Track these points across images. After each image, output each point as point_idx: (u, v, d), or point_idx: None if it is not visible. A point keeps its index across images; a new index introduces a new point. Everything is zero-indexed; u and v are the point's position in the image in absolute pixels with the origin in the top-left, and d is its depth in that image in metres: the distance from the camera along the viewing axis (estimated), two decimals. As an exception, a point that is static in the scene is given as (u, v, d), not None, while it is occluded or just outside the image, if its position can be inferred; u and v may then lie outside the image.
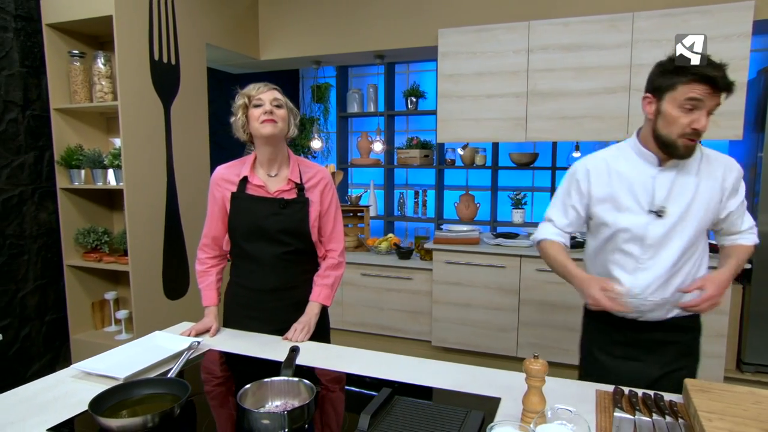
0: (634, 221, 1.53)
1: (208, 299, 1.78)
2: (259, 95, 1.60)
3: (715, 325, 2.80)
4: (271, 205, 1.67)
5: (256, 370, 1.47)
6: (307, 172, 1.74)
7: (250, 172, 1.68)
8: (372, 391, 1.23)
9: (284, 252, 1.69)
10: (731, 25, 2.76)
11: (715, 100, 1.43)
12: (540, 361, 1.10)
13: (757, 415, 1.07)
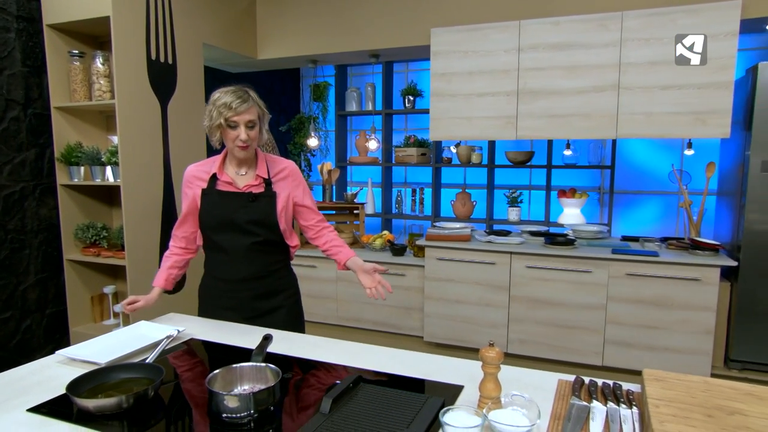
0: None
1: (157, 280, 1.88)
2: (235, 117, 1.64)
3: (703, 322, 2.83)
4: (240, 198, 1.76)
5: (233, 357, 1.53)
6: (275, 167, 1.84)
7: (219, 170, 1.78)
8: (341, 379, 1.28)
9: (253, 242, 1.77)
10: (718, 24, 2.78)
11: None
12: (495, 349, 1.15)
13: (704, 402, 1.11)
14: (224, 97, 1.66)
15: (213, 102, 1.68)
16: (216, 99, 1.68)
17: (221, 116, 1.64)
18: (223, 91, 1.69)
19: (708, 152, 3.78)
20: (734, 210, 3.01)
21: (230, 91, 1.68)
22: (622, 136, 3.06)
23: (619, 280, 2.99)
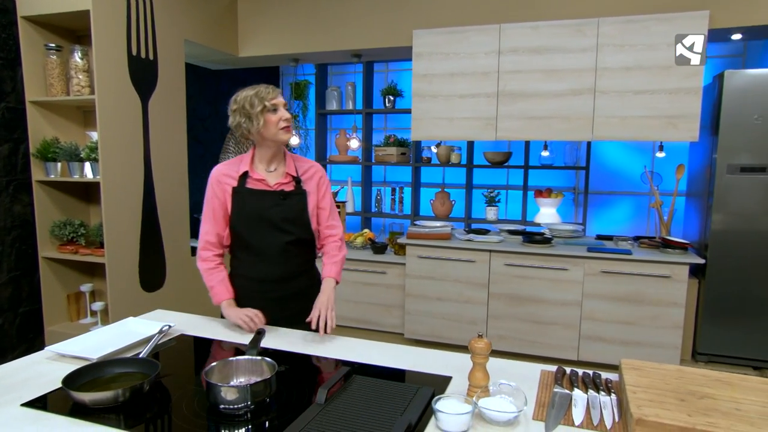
0: None
1: (225, 293, 1.78)
2: (274, 100, 1.68)
3: (672, 318, 2.96)
4: (272, 196, 1.75)
5: (225, 352, 1.55)
6: (302, 166, 1.85)
7: (250, 168, 1.76)
8: (332, 372, 1.32)
9: (288, 242, 1.77)
10: (688, 32, 2.90)
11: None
12: (483, 340, 1.20)
13: (677, 387, 1.18)
14: (255, 88, 1.70)
15: (245, 97, 1.68)
16: (247, 94, 1.69)
17: (262, 102, 1.66)
18: (250, 87, 1.72)
19: (677, 155, 3.93)
20: (702, 210, 3.15)
21: (254, 86, 1.72)
22: (598, 138, 3.17)
23: (594, 277, 3.09)
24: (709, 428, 1.02)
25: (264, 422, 1.13)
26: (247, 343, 1.42)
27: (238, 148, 4.21)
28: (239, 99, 1.70)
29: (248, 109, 1.67)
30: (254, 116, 1.66)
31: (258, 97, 1.66)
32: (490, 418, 1.10)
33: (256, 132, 1.69)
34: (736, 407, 1.11)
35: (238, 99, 1.71)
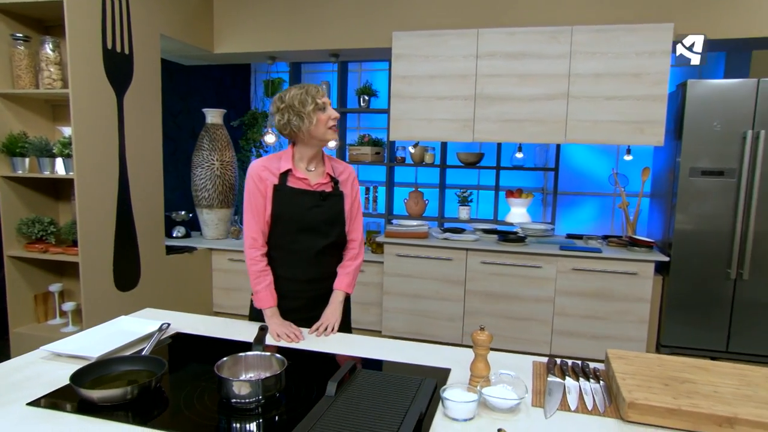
0: None
1: (270, 300, 1.75)
2: (324, 98, 1.68)
3: (639, 312, 3.12)
4: (312, 197, 1.74)
5: (225, 349, 1.56)
6: (337, 167, 1.84)
7: (293, 166, 1.74)
8: (336, 367, 1.35)
9: (326, 245, 1.77)
10: (654, 43, 3.07)
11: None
12: (485, 332, 1.27)
13: (660, 374, 1.28)
14: (302, 87, 1.69)
15: (294, 96, 1.66)
16: (296, 92, 1.67)
17: (314, 100, 1.65)
18: (295, 86, 1.71)
19: (643, 158, 4.14)
20: (666, 211, 3.34)
21: (300, 85, 1.71)
22: (571, 141, 3.31)
23: (565, 274, 3.23)
24: (693, 408, 1.11)
25: (275, 416, 1.15)
26: (242, 340, 1.44)
27: (213, 146, 4.16)
28: (287, 98, 1.67)
29: (299, 107, 1.65)
30: (306, 115, 1.65)
31: (309, 95, 1.66)
32: (494, 405, 1.16)
33: (306, 130, 1.67)
34: (714, 390, 1.21)
35: (285, 98, 1.68)
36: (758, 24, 3.04)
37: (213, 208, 4.17)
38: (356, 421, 1.09)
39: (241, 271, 3.97)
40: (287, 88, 1.72)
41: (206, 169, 4.12)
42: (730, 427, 1.08)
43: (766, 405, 1.14)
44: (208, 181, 4.12)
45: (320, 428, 1.05)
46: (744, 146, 2.97)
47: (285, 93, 1.70)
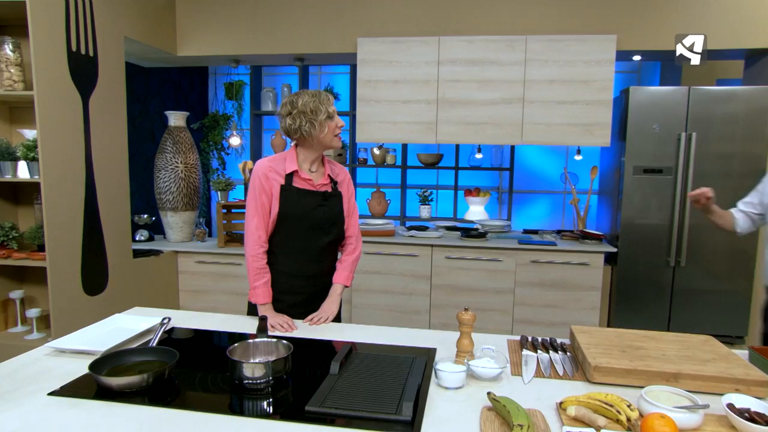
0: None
1: (266, 296, 1.83)
2: (333, 108, 1.78)
3: (591, 300, 3.40)
4: (316, 197, 1.83)
5: (222, 341, 1.65)
6: (334, 169, 1.94)
7: (297, 167, 1.82)
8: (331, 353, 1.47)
9: (328, 242, 1.87)
10: (600, 53, 3.36)
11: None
12: (469, 312, 1.42)
13: (618, 343, 1.49)
14: (315, 95, 1.76)
15: (306, 103, 1.73)
16: (308, 99, 1.74)
17: (326, 110, 1.74)
18: (306, 93, 1.77)
19: (591, 157, 4.46)
20: (612, 206, 3.64)
21: (312, 92, 1.78)
22: (527, 142, 3.55)
23: (524, 267, 3.46)
24: (646, 368, 1.31)
25: (285, 395, 1.26)
26: (236, 331, 1.53)
27: (177, 148, 4.14)
28: (300, 104, 1.73)
29: (311, 115, 1.73)
30: (318, 123, 1.74)
31: (322, 104, 1.74)
32: (480, 374, 1.32)
33: (315, 136, 1.76)
34: (662, 353, 1.42)
35: (298, 104, 1.74)
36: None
37: (178, 211, 4.15)
38: (362, 393, 1.22)
39: (208, 273, 3.98)
40: (297, 93, 1.79)
41: (170, 172, 4.10)
42: (675, 381, 1.28)
43: (701, 363, 1.36)
44: (172, 184, 4.10)
45: (332, 399, 1.18)
46: (679, 146, 3.30)
47: (296, 98, 1.77)
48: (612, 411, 1.11)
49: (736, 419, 1.09)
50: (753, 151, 3.26)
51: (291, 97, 1.78)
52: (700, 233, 3.36)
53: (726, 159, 3.29)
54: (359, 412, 1.13)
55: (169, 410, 1.15)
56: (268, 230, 1.84)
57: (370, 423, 1.09)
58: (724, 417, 1.14)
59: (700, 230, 3.36)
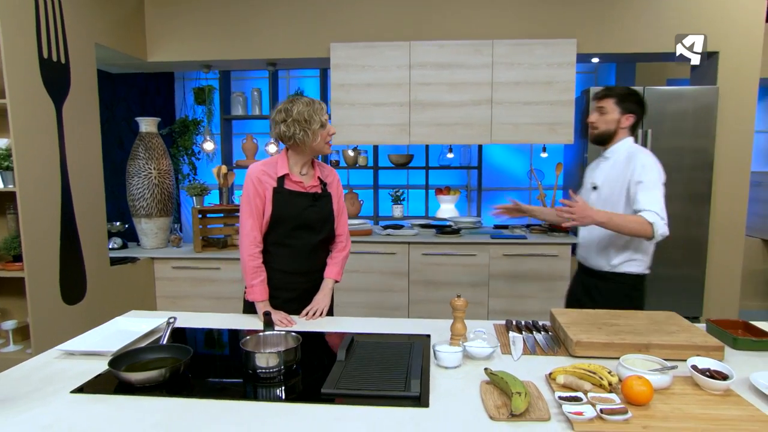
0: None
1: (263, 294, 1.91)
2: (325, 116, 1.86)
3: (560, 289, 3.58)
4: (306, 198, 1.93)
5: (223, 338, 1.71)
6: (324, 171, 2.04)
7: (289, 170, 1.91)
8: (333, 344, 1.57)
9: (319, 240, 1.97)
10: (561, 56, 3.57)
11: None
12: (462, 299, 1.55)
13: (593, 321, 1.64)
14: (309, 103, 1.83)
15: (301, 112, 1.80)
16: (303, 108, 1.81)
17: (321, 117, 1.83)
18: (300, 101, 1.83)
19: (555, 155, 4.69)
20: (576, 199, 3.86)
21: (306, 100, 1.84)
22: (496, 142, 3.73)
23: (497, 260, 3.63)
24: (621, 341, 1.47)
25: (296, 382, 1.35)
26: (236, 328, 1.61)
27: (149, 155, 4.12)
28: (295, 113, 1.80)
29: (305, 124, 1.81)
30: (312, 131, 1.82)
31: (316, 113, 1.82)
32: (475, 354, 1.45)
33: (308, 143, 1.85)
34: (633, 329, 1.58)
35: (293, 112, 1.81)
36: (641, 42, 3.64)
37: (152, 217, 4.13)
38: (370, 375, 1.32)
39: (185, 278, 3.98)
40: (291, 100, 1.85)
41: (143, 178, 4.08)
42: (647, 350, 1.44)
43: (668, 334, 1.53)
44: (145, 190, 4.08)
45: (344, 382, 1.27)
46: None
47: (291, 106, 1.83)
48: (595, 377, 1.25)
49: (699, 377, 1.25)
50: (701, 146, 3.54)
51: (285, 104, 1.85)
52: (656, 223, 3.61)
53: (678, 153, 3.56)
54: (371, 391, 1.23)
55: (190, 400, 1.22)
56: (262, 231, 1.93)
57: (383, 400, 1.20)
58: (689, 377, 1.31)
59: (656, 220, 3.61)
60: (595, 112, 2.20)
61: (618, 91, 2.16)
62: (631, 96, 2.15)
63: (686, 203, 3.60)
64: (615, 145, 2.19)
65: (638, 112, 2.19)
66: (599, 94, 2.20)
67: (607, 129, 2.17)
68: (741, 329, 1.69)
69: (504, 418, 1.12)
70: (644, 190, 1.99)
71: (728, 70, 3.54)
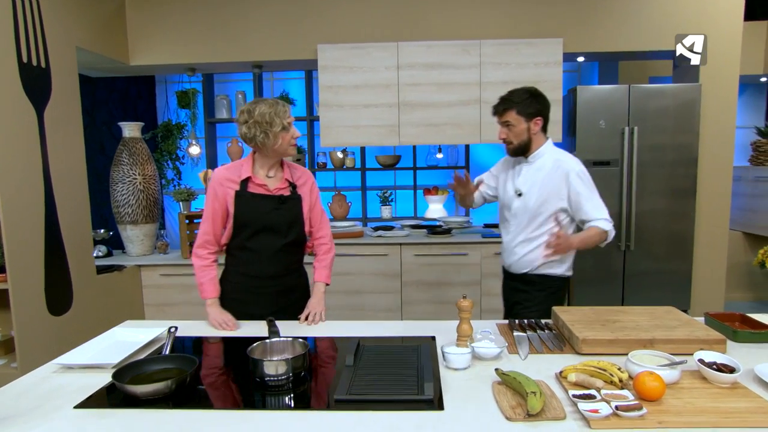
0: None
1: (212, 291, 1.91)
2: (289, 119, 1.83)
3: (550, 285, 3.62)
4: (271, 201, 1.89)
5: (222, 346, 1.68)
6: (295, 173, 2.00)
7: (252, 174, 1.88)
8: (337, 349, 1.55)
9: (285, 243, 1.92)
10: (548, 55, 3.61)
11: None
12: (467, 300, 1.54)
13: (596, 319, 1.65)
14: (272, 105, 1.80)
15: (263, 114, 1.76)
16: (266, 110, 1.77)
17: (281, 121, 1.78)
18: (264, 103, 1.80)
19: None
20: (565, 197, 3.90)
21: (270, 101, 1.81)
22: (486, 141, 3.75)
23: (489, 259, 3.65)
24: (626, 337, 1.48)
25: (305, 389, 1.33)
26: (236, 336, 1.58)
27: (133, 160, 4.04)
28: (256, 114, 1.78)
29: (266, 126, 1.78)
30: (272, 134, 1.79)
31: (278, 116, 1.78)
32: (484, 354, 1.44)
33: (270, 146, 1.82)
34: (636, 324, 1.60)
35: (254, 113, 1.78)
36: (623, 41, 3.70)
37: (138, 224, 4.05)
38: (381, 379, 1.31)
39: (174, 285, 3.91)
40: (255, 102, 1.82)
41: (128, 184, 4.00)
42: (651, 346, 1.46)
43: (670, 329, 1.54)
44: (131, 197, 4.00)
45: (356, 387, 1.26)
46: (623, 140, 3.59)
47: (254, 107, 1.81)
48: (605, 374, 1.26)
49: (707, 371, 1.27)
50: (686, 142, 3.61)
51: (249, 105, 1.83)
52: (645, 219, 3.68)
53: (663, 149, 3.62)
54: (384, 395, 1.22)
55: (198, 411, 1.19)
56: (219, 234, 1.93)
57: (398, 404, 1.19)
58: (696, 371, 1.32)
59: (645, 216, 3.67)
60: (502, 127, 2.12)
61: (516, 100, 2.07)
62: (530, 99, 2.07)
63: (671, 198, 3.66)
64: (537, 151, 2.13)
65: (543, 110, 2.10)
66: (498, 108, 2.11)
67: (521, 141, 2.10)
68: (738, 322, 1.72)
69: (521, 419, 1.11)
70: (587, 200, 2.07)
71: (710, 68, 3.61)
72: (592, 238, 2.07)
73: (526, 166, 2.15)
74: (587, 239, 2.07)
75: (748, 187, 4.73)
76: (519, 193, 2.14)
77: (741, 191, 4.67)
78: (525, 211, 2.12)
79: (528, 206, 2.11)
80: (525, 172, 2.15)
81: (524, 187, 2.12)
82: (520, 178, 2.15)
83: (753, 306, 4.77)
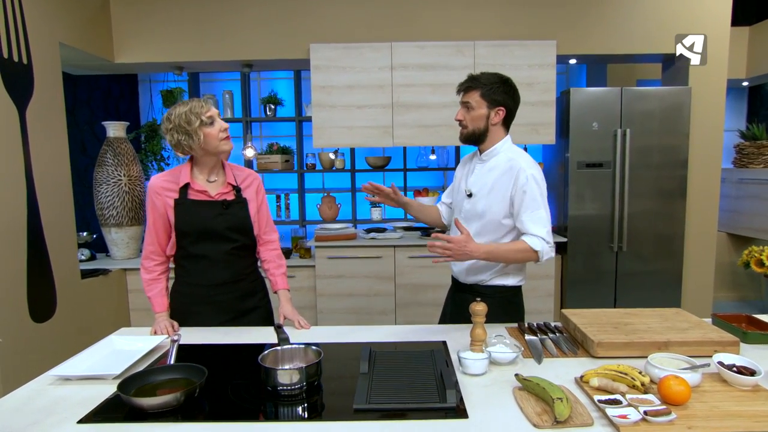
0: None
1: (161, 305, 1.84)
2: (209, 113, 1.73)
3: (546, 288, 3.63)
4: (214, 207, 1.81)
5: (227, 353, 1.62)
6: (240, 175, 1.91)
7: (191, 180, 1.79)
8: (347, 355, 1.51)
9: (232, 248, 1.84)
10: (542, 57, 3.61)
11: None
12: (482, 303, 1.51)
13: (607, 321, 1.64)
14: (187, 104, 1.73)
15: (179, 115, 1.71)
16: (181, 111, 1.71)
17: (198, 116, 1.70)
18: (181, 103, 1.75)
19: (533, 154, 4.74)
20: (560, 199, 3.91)
21: (186, 101, 1.75)
22: (480, 142, 3.73)
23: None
24: (640, 340, 1.47)
25: (319, 398, 1.28)
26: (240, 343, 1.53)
27: (118, 161, 3.92)
28: (173, 117, 1.72)
29: (185, 126, 1.70)
30: (193, 132, 1.71)
31: (193, 113, 1.70)
32: (501, 359, 1.41)
33: (198, 147, 1.74)
34: (647, 327, 1.58)
35: (172, 118, 1.72)
36: (615, 44, 3.73)
37: (122, 227, 3.93)
38: (400, 387, 1.26)
39: (161, 289, 3.80)
40: (174, 107, 1.77)
41: (113, 186, 3.88)
42: (666, 348, 1.44)
43: (682, 331, 1.54)
44: (115, 198, 3.88)
45: (375, 396, 1.21)
46: (615, 142, 3.62)
47: (171, 112, 1.75)
48: (627, 378, 1.24)
49: (728, 374, 1.26)
50: (676, 144, 3.65)
51: (168, 111, 1.77)
52: (636, 221, 3.71)
53: (653, 151, 3.66)
54: (405, 403, 1.17)
55: (209, 424, 1.13)
56: (165, 244, 1.85)
57: (420, 413, 1.15)
58: (715, 374, 1.31)
59: (636, 218, 3.70)
60: (462, 107, 1.91)
61: (483, 81, 1.85)
62: (498, 85, 1.85)
63: (662, 200, 3.70)
64: (492, 147, 1.91)
65: (509, 103, 1.88)
66: (463, 85, 1.90)
67: (476, 128, 1.87)
68: (745, 323, 1.72)
69: (548, 426, 1.08)
70: (528, 209, 1.80)
71: (699, 71, 3.66)
72: (516, 254, 1.79)
73: (479, 165, 1.93)
74: (505, 253, 1.80)
75: (732, 188, 4.82)
76: (469, 194, 1.90)
77: (725, 193, 4.76)
78: (474, 214, 1.88)
79: (477, 210, 1.87)
80: (477, 171, 1.92)
81: (474, 188, 1.89)
82: (472, 178, 1.93)
83: (738, 305, 4.87)
